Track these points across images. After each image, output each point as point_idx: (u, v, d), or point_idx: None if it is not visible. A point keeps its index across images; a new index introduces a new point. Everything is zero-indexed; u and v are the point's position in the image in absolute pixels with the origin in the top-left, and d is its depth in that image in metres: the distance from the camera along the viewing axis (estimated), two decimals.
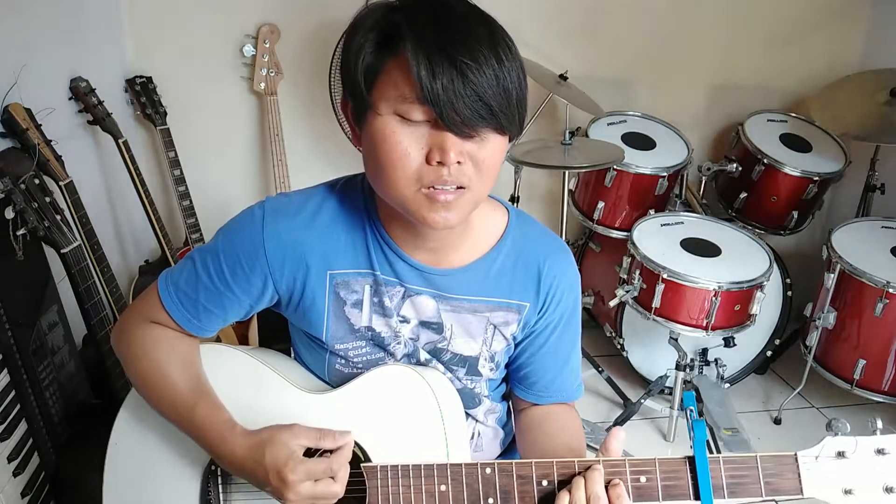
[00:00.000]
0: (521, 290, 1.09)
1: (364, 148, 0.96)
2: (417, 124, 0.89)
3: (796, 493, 0.92)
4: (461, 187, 0.92)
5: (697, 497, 0.93)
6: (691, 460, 0.94)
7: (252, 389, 1.08)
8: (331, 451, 0.96)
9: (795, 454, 0.92)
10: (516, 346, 1.14)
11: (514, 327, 1.11)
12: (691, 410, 1.00)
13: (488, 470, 0.97)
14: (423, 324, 1.09)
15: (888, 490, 0.90)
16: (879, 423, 0.92)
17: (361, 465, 0.99)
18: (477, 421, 1.17)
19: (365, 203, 1.05)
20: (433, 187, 0.91)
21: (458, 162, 0.90)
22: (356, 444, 1.03)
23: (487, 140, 0.91)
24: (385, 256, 1.05)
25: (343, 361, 1.10)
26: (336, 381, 1.10)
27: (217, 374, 1.09)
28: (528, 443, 1.16)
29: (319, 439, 0.96)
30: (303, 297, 1.06)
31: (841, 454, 0.91)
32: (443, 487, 0.97)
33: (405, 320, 1.08)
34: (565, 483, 0.95)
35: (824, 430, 0.92)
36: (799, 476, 0.92)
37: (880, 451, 0.91)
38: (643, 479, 0.94)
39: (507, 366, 1.19)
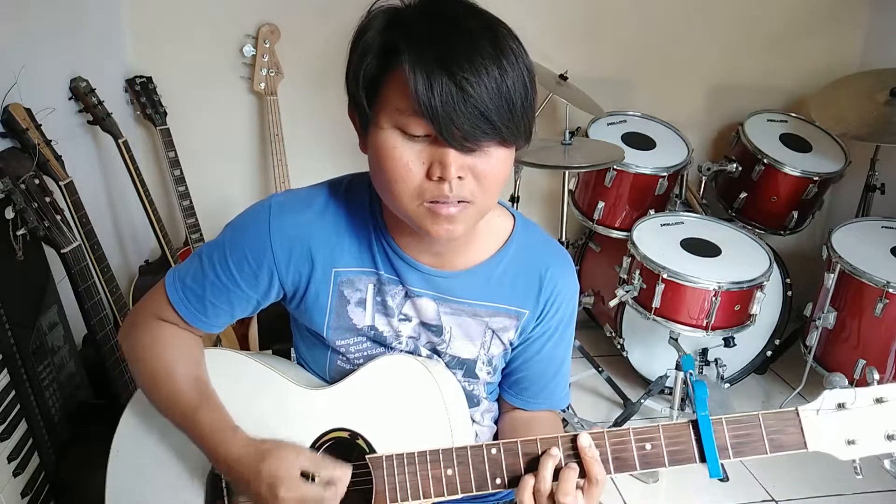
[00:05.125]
0: (521, 296, 1.09)
1: (369, 157, 0.96)
2: (418, 138, 0.88)
3: (800, 448, 0.93)
4: (464, 201, 0.92)
5: (703, 460, 0.93)
6: (694, 424, 0.94)
7: (254, 389, 1.08)
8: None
9: (797, 409, 0.93)
10: (512, 350, 1.14)
11: (511, 333, 1.11)
12: (691, 374, 1.03)
13: (494, 450, 0.97)
14: (424, 325, 1.09)
15: (890, 437, 0.92)
16: (876, 375, 0.94)
17: (366, 456, 0.99)
18: (474, 422, 1.17)
19: (371, 205, 1.06)
20: (435, 202, 0.91)
21: (460, 177, 0.89)
22: (360, 436, 1.04)
23: (490, 153, 0.90)
24: (388, 257, 1.05)
25: (344, 358, 1.10)
26: (337, 379, 1.10)
27: (219, 377, 1.09)
28: None
29: (319, 466, 0.97)
30: (307, 293, 1.06)
31: (841, 406, 0.92)
32: (449, 472, 0.97)
33: (406, 318, 1.08)
34: (571, 458, 0.95)
35: None
36: (802, 430, 0.93)
37: (879, 400, 0.92)
38: (648, 446, 0.94)
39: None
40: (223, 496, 1.09)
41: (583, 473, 0.94)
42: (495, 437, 1.21)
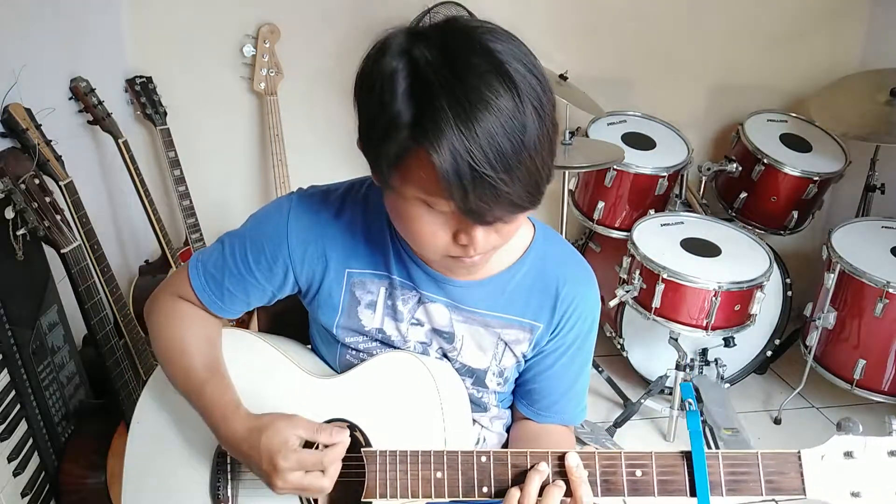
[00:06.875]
0: (535, 310, 1.08)
1: (387, 205, 0.95)
2: (443, 211, 0.87)
3: (798, 494, 0.89)
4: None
5: (694, 494, 0.91)
6: (689, 455, 0.91)
7: (263, 371, 1.11)
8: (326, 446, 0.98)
9: (799, 452, 0.89)
10: (525, 362, 1.13)
11: (525, 346, 1.10)
12: (690, 403, 0.97)
13: (483, 458, 0.97)
14: (436, 331, 1.09)
15: None
16: (895, 424, 0.87)
17: (362, 450, 1.00)
18: (482, 426, 1.16)
19: None
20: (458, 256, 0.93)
21: None
22: (357, 428, 1.05)
23: (515, 217, 0.90)
24: (403, 263, 1.06)
25: (354, 353, 1.12)
26: (346, 370, 1.12)
27: (232, 356, 1.13)
28: None
29: (316, 432, 0.98)
30: (320, 290, 1.08)
31: (849, 454, 0.87)
32: (439, 474, 0.97)
33: (419, 323, 1.09)
34: (560, 475, 0.95)
35: (824, 430, 0.89)
36: (802, 475, 0.88)
37: (893, 454, 0.86)
38: (639, 472, 0.93)
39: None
40: (227, 471, 1.11)
41: (569, 492, 0.93)
42: (505, 444, 1.21)
